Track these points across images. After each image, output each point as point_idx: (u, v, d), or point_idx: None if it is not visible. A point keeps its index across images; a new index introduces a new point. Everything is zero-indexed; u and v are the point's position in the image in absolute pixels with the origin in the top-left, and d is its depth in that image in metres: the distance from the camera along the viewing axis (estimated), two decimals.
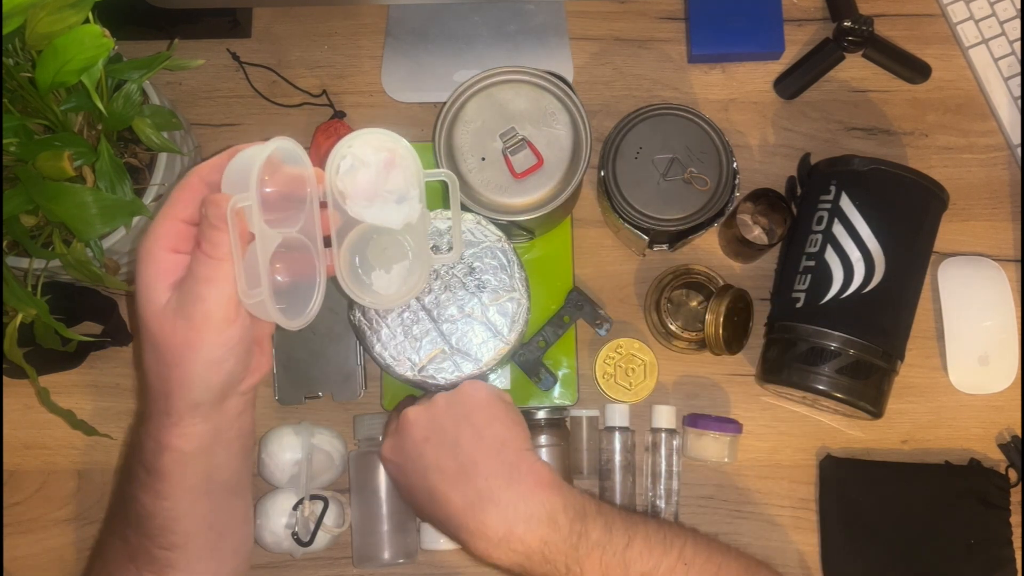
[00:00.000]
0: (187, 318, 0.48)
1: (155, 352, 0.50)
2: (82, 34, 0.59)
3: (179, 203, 0.51)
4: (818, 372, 0.74)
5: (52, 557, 0.80)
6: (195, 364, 0.50)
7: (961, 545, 0.77)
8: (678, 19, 0.90)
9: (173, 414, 0.52)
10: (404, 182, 0.54)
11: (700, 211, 0.75)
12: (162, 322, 0.49)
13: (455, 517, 0.58)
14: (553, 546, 0.56)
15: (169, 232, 0.50)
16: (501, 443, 0.59)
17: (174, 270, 0.49)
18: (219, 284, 0.48)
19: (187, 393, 0.51)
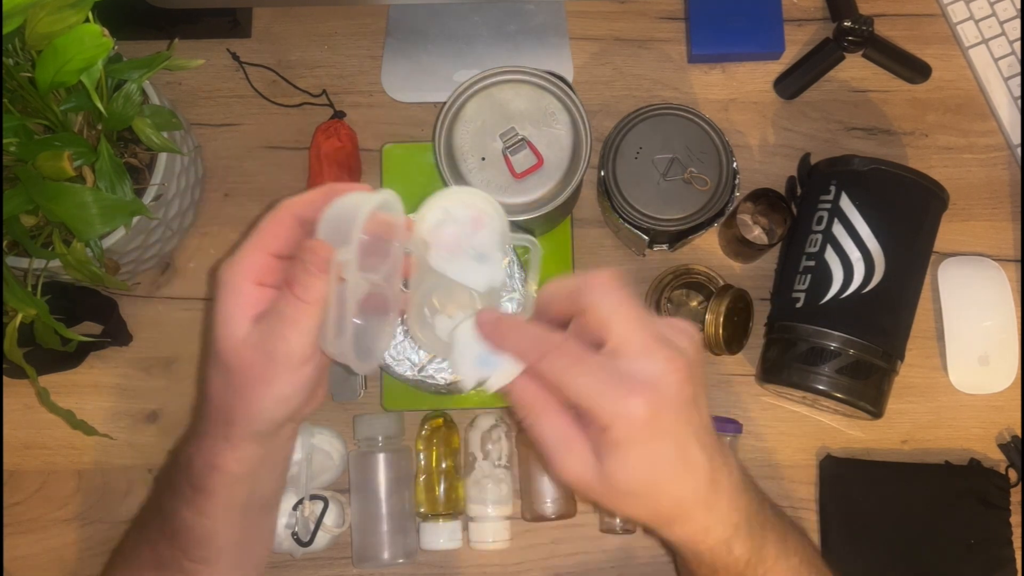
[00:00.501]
0: (267, 355, 0.48)
1: (226, 381, 0.50)
2: (82, 34, 0.59)
3: (268, 235, 0.50)
4: (818, 372, 0.74)
5: (52, 557, 0.80)
6: (265, 399, 0.50)
7: (961, 545, 0.77)
8: (678, 19, 0.90)
9: (232, 439, 0.52)
10: (488, 242, 0.53)
11: (700, 211, 0.75)
12: (240, 355, 0.49)
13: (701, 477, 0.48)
14: (753, 518, 0.51)
15: (255, 264, 0.49)
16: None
17: (257, 303, 0.49)
18: (303, 325, 0.48)
19: (250, 424, 0.52)
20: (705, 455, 0.47)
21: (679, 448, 0.46)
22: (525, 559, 0.80)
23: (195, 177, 0.81)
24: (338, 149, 0.82)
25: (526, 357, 0.46)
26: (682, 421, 0.45)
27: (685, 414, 0.45)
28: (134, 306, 0.84)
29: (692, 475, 0.47)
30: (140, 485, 0.81)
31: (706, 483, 0.47)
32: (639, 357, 0.44)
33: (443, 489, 0.78)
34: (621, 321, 0.45)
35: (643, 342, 0.45)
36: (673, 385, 0.44)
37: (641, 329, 0.45)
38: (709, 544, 0.49)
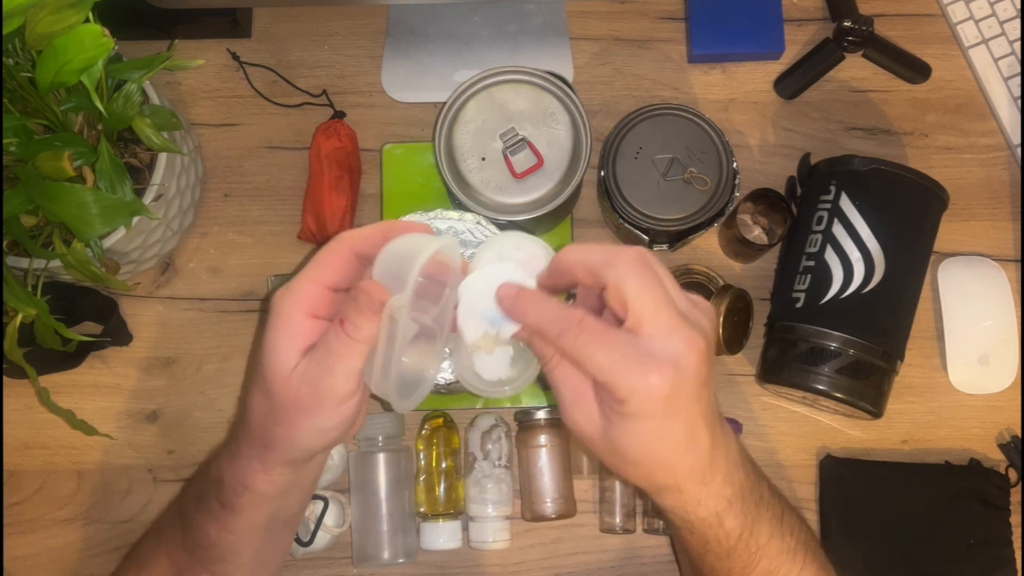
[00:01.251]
0: (312, 387, 0.49)
1: (269, 407, 0.51)
2: (82, 34, 0.59)
3: (326, 268, 0.50)
4: (818, 372, 0.74)
5: (52, 557, 0.80)
6: (306, 430, 0.51)
7: (961, 545, 0.77)
8: (678, 19, 0.90)
9: (267, 463, 0.53)
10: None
11: (700, 211, 0.75)
12: (286, 384, 0.49)
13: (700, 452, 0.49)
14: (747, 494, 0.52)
15: (311, 296, 0.50)
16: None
17: (308, 335, 0.49)
18: (351, 361, 0.48)
19: (287, 452, 0.52)
20: (708, 433, 0.48)
21: (687, 426, 0.47)
22: (525, 559, 0.80)
23: (195, 177, 0.81)
24: (338, 149, 0.83)
25: (547, 332, 0.47)
26: (694, 400, 0.46)
27: (698, 393, 0.46)
28: (134, 306, 0.84)
29: (693, 452, 0.48)
30: (140, 485, 0.81)
31: (705, 459, 0.48)
32: (662, 336, 0.45)
33: (443, 489, 0.79)
34: (645, 301, 0.46)
35: (667, 321, 0.45)
36: (692, 366, 0.45)
37: (665, 308, 0.46)
38: (700, 515, 0.50)
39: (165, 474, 0.81)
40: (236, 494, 0.54)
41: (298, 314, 0.49)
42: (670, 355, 0.45)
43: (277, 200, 0.86)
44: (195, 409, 0.82)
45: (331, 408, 0.49)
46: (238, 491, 0.54)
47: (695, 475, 0.49)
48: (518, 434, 0.80)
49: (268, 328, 0.50)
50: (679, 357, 0.45)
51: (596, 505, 0.80)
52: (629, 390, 0.45)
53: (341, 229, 0.82)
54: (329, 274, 0.50)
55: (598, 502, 0.80)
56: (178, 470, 0.81)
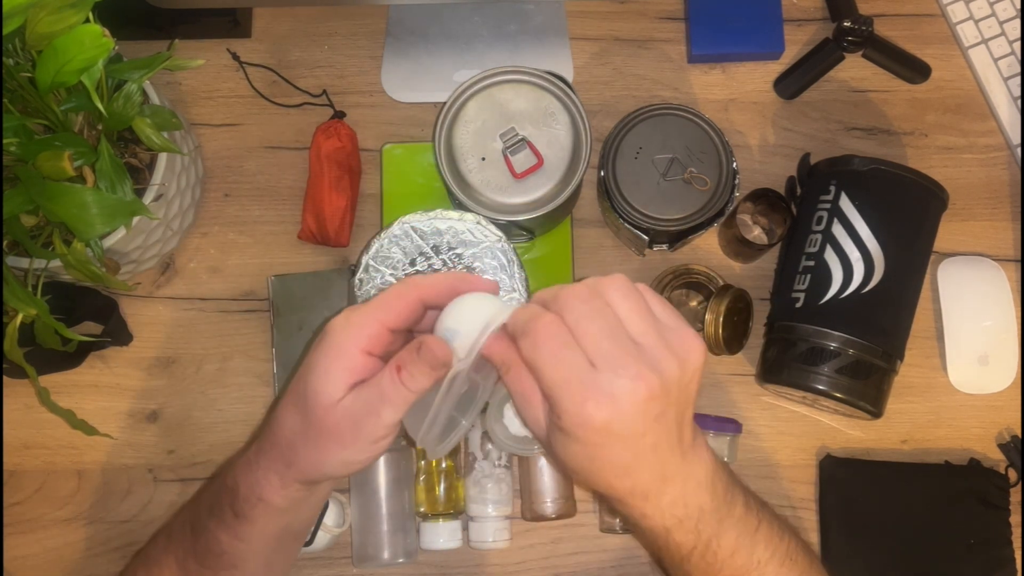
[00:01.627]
0: (353, 424, 0.50)
1: (304, 430, 0.51)
2: (82, 34, 0.59)
3: (391, 312, 0.51)
4: (818, 372, 0.74)
5: (52, 557, 0.80)
6: (336, 459, 0.52)
7: (961, 545, 0.77)
8: (678, 19, 0.90)
9: (286, 479, 0.54)
10: None
11: (700, 211, 0.75)
12: (328, 413, 0.50)
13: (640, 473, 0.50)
14: (707, 515, 0.52)
15: (371, 334, 0.50)
16: None
17: (359, 371, 0.50)
18: (399, 408, 0.50)
19: (309, 473, 0.53)
20: (654, 463, 0.49)
21: (627, 456, 0.48)
22: (525, 559, 0.80)
23: (195, 177, 0.81)
24: (338, 149, 0.83)
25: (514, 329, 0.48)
26: (637, 434, 0.47)
27: (643, 428, 0.47)
28: (134, 306, 0.84)
29: (630, 478, 0.49)
30: (140, 485, 0.81)
31: (647, 483, 0.49)
32: (607, 370, 0.46)
33: (443, 489, 0.79)
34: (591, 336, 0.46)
35: (616, 356, 0.46)
36: (635, 403, 0.46)
37: (612, 345, 0.46)
38: (648, 524, 0.51)
39: (165, 474, 0.81)
40: (250, 505, 0.55)
41: (354, 349, 0.50)
42: (613, 389, 0.45)
43: (277, 200, 0.86)
44: (195, 409, 0.82)
45: (366, 445, 0.51)
46: (252, 502, 0.54)
47: (636, 493, 0.50)
48: None
49: (321, 354, 0.50)
50: (621, 394, 0.45)
51: (596, 505, 0.80)
52: (565, 412, 0.46)
53: (341, 229, 0.82)
54: (393, 317, 0.51)
55: (598, 502, 0.80)
56: (178, 470, 0.81)
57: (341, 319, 0.51)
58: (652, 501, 0.50)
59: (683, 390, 0.48)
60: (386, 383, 0.49)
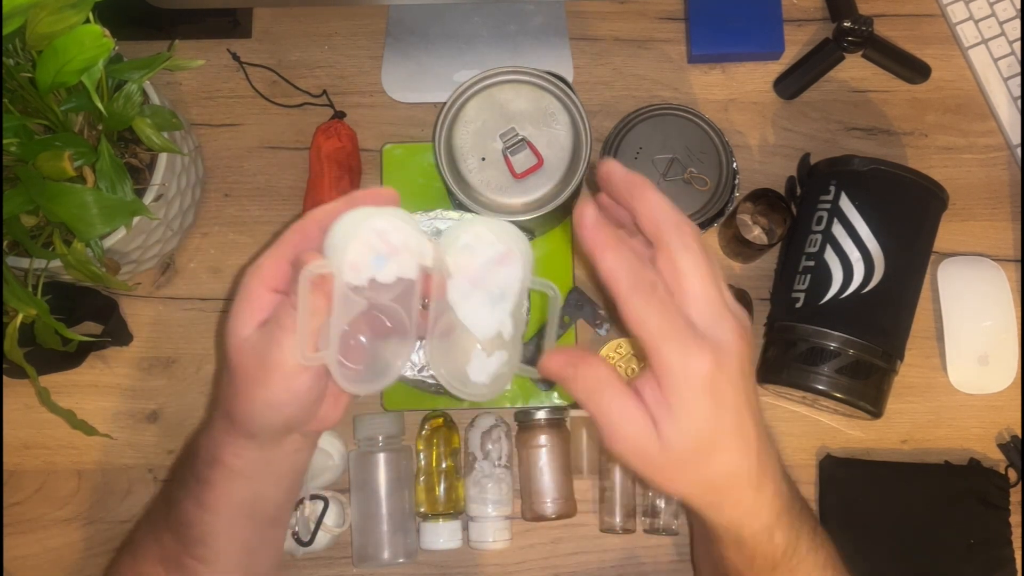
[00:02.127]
0: (261, 358, 0.49)
1: (229, 378, 0.51)
2: (82, 34, 0.59)
3: (288, 244, 0.51)
4: (818, 372, 0.74)
5: (52, 557, 0.80)
6: (258, 402, 0.51)
7: (961, 545, 0.77)
8: (678, 19, 0.90)
9: (232, 435, 0.53)
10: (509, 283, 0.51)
11: (700, 211, 0.75)
12: (241, 355, 0.50)
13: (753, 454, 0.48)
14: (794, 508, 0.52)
15: (272, 271, 0.50)
16: None
17: (265, 308, 0.50)
18: (295, 333, 0.49)
19: (247, 423, 0.53)
20: (756, 431, 0.47)
21: (735, 415, 0.46)
22: (525, 559, 0.80)
23: (195, 177, 0.81)
24: (338, 149, 0.83)
25: (618, 283, 0.45)
26: (740, 390, 0.46)
27: (743, 383, 0.46)
28: (134, 306, 0.84)
29: (745, 447, 0.47)
30: (140, 485, 0.81)
31: (756, 460, 0.47)
32: (711, 318, 0.45)
33: (443, 489, 0.79)
34: (699, 280, 0.45)
35: (718, 307, 0.45)
36: (737, 353, 0.45)
37: (717, 294, 0.46)
38: (754, 529, 0.49)
39: (165, 474, 0.81)
40: (208, 466, 0.54)
41: (259, 288, 0.50)
42: (719, 337, 0.45)
43: (277, 200, 0.86)
44: (195, 409, 0.82)
45: (279, 381, 0.49)
46: (209, 463, 0.54)
47: (750, 477, 0.48)
48: (518, 434, 0.80)
49: (235, 299, 0.51)
50: (727, 341, 0.45)
51: (596, 505, 0.80)
52: (676, 364, 0.44)
53: None
54: (291, 250, 0.50)
55: (598, 502, 0.80)
56: None
57: (249, 267, 0.51)
58: (762, 489, 0.48)
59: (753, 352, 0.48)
60: (280, 311, 0.48)
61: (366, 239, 0.48)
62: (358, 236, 0.47)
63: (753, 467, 0.47)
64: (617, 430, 0.46)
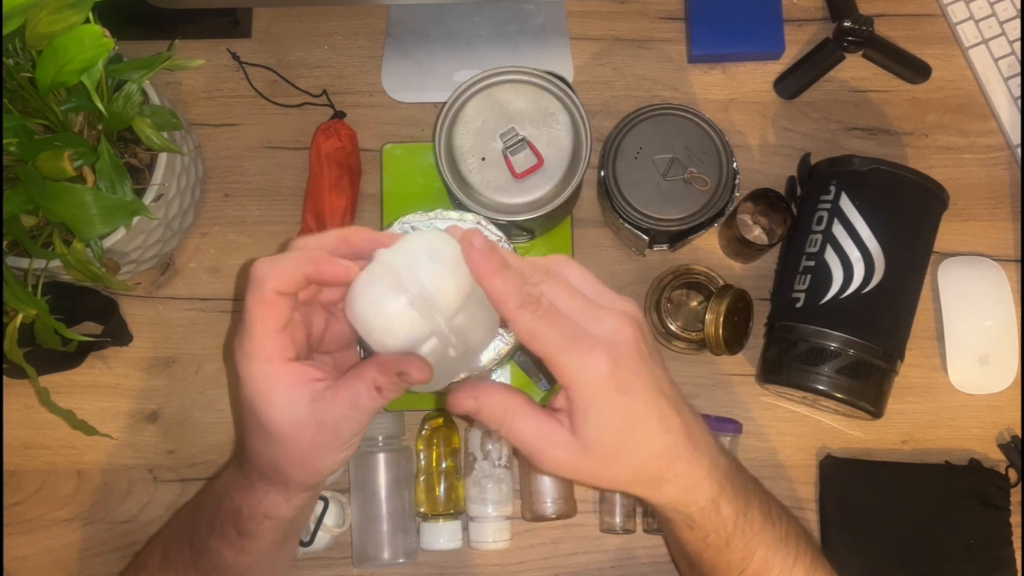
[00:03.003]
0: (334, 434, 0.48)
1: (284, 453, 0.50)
2: (82, 34, 0.59)
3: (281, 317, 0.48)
4: (818, 372, 0.74)
5: (52, 557, 0.80)
6: (328, 464, 0.50)
7: (961, 545, 0.77)
8: (678, 19, 0.90)
9: (288, 494, 0.53)
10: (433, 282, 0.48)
11: (700, 211, 0.75)
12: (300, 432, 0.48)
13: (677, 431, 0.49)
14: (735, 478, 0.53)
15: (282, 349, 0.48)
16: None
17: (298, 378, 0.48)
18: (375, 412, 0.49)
19: (308, 482, 0.52)
20: (674, 410, 0.49)
21: (646, 402, 0.47)
22: (525, 559, 0.80)
23: (195, 177, 0.81)
24: (338, 149, 0.82)
25: (506, 303, 0.46)
26: (643, 375, 0.47)
27: (645, 369, 0.47)
28: (134, 306, 0.84)
29: (666, 427, 0.48)
30: (140, 485, 0.81)
31: (683, 436, 0.49)
32: (592, 320, 0.47)
33: (443, 489, 0.79)
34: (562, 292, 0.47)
35: (592, 309, 0.47)
36: (628, 340, 0.47)
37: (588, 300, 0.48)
38: (700, 504, 0.51)
39: (165, 474, 0.81)
40: (256, 523, 0.54)
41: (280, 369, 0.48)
42: (605, 333, 0.46)
43: (277, 200, 0.86)
44: (195, 409, 0.82)
45: (352, 442, 0.50)
46: (257, 520, 0.54)
47: (679, 454, 0.49)
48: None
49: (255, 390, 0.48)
50: (613, 334, 0.46)
51: (596, 505, 0.80)
52: (570, 371, 0.46)
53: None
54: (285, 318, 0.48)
55: (598, 502, 0.80)
56: (178, 470, 0.81)
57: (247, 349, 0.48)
58: (697, 463, 0.49)
59: (649, 334, 0.49)
60: (365, 400, 0.47)
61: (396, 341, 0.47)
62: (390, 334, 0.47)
63: (679, 443, 0.49)
64: (537, 451, 0.47)
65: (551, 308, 0.46)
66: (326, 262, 0.47)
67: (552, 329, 0.46)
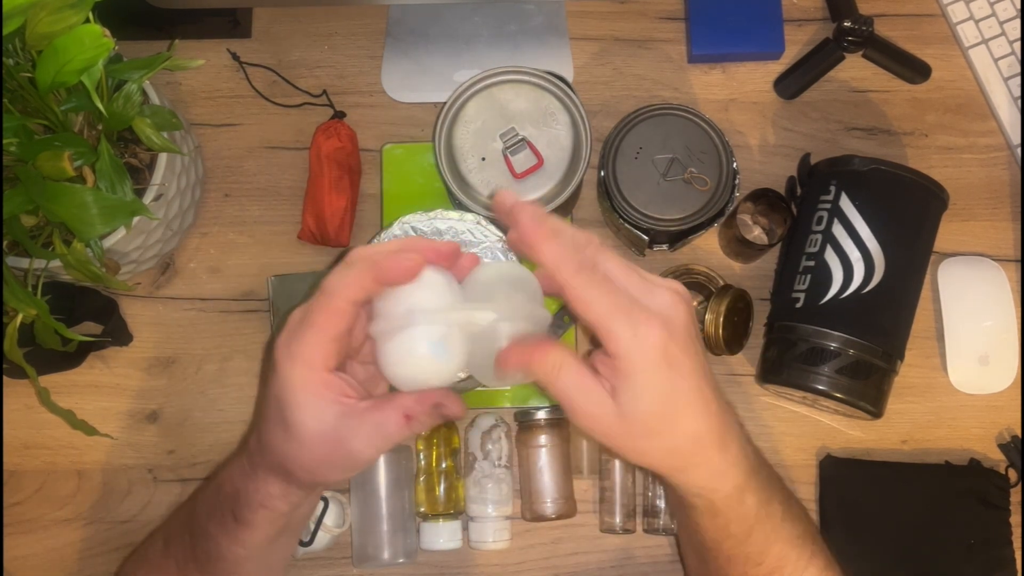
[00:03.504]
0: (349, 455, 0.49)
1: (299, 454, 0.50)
2: (82, 34, 0.59)
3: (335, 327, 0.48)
4: (818, 372, 0.74)
5: (52, 557, 0.80)
6: (336, 476, 0.51)
7: (961, 545, 0.77)
8: (678, 19, 0.90)
9: (289, 489, 0.53)
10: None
11: (700, 211, 0.75)
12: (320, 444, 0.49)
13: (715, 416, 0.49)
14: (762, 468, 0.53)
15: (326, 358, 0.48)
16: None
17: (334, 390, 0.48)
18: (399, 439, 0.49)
19: (312, 484, 0.53)
20: (714, 393, 0.48)
21: (691, 380, 0.47)
22: (525, 559, 0.80)
23: (195, 177, 0.81)
24: (338, 149, 0.83)
25: (560, 268, 0.46)
26: (691, 355, 0.47)
27: (693, 348, 0.47)
28: (134, 306, 0.84)
29: (706, 409, 0.48)
30: (140, 485, 0.81)
31: (719, 422, 0.48)
32: (645, 293, 0.46)
33: (443, 489, 0.79)
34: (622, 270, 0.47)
35: (645, 283, 0.47)
36: (681, 317, 0.46)
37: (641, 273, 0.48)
38: (725, 491, 0.50)
39: (165, 474, 0.81)
40: (251, 510, 0.54)
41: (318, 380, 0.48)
42: (659, 307, 0.46)
43: (277, 200, 0.86)
44: (195, 409, 0.82)
45: (364, 464, 0.50)
46: (253, 507, 0.54)
47: (713, 439, 0.48)
48: (518, 434, 0.80)
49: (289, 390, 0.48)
50: (668, 308, 0.46)
51: (596, 505, 0.80)
52: (620, 340, 0.45)
53: (341, 229, 0.82)
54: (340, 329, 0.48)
55: (598, 502, 0.80)
56: (178, 470, 0.81)
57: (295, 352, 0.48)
58: (727, 449, 0.49)
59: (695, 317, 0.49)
60: (392, 427, 0.48)
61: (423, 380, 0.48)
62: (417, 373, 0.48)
63: (715, 428, 0.48)
64: (578, 405, 0.47)
65: (605, 276, 0.46)
66: (391, 259, 0.47)
67: (607, 296, 0.45)
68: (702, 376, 0.47)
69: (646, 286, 0.47)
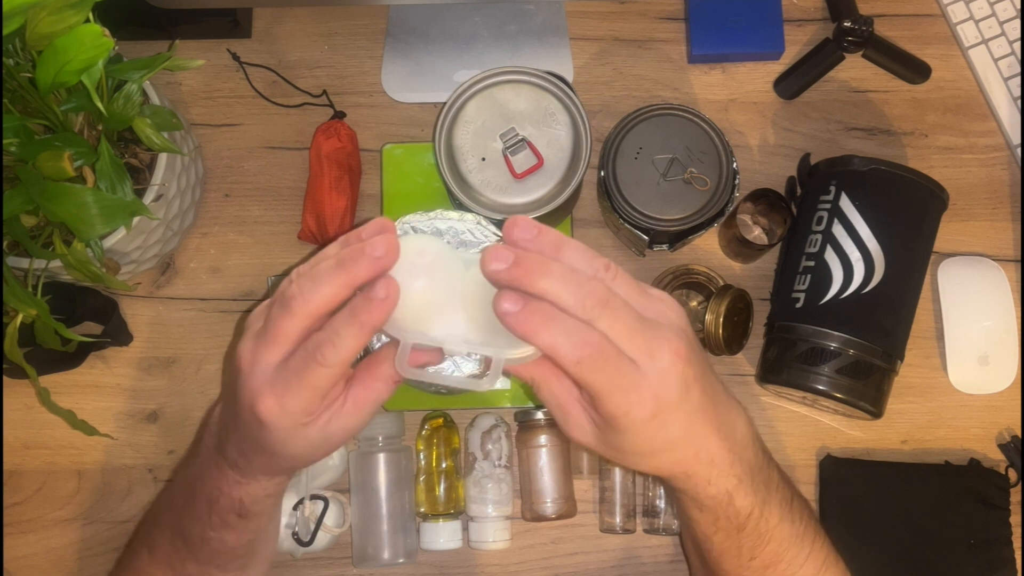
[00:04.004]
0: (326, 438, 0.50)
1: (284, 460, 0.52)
2: (82, 34, 0.59)
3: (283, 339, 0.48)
4: (818, 372, 0.74)
5: (52, 557, 0.80)
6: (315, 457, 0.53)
7: (961, 545, 0.77)
8: (678, 19, 0.90)
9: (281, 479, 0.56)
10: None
11: (700, 211, 0.75)
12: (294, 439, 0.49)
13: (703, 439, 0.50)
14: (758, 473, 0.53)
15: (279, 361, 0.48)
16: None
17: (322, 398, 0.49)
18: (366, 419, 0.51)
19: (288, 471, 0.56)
20: (708, 422, 0.49)
21: (681, 426, 0.48)
22: (525, 559, 0.80)
23: (195, 177, 0.81)
24: (338, 149, 0.82)
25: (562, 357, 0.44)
26: (684, 407, 0.47)
27: (687, 400, 0.47)
28: (134, 306, 0.84)
29: (693, 443, 0.49)
30: (140, 485, 0.81)
31: (709, 444, 0.49)
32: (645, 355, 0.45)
33: (443, 489, 0.79)
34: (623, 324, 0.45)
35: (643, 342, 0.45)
36: (676, 380, 0.46)
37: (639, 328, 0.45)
38: (711, 493, 0.51)
39: (165, 474, 0.81)
40: (259, 504, 0.56)
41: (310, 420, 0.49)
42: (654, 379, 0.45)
43: (277, 200, 0.86)
44: (195, 409, 0.82)
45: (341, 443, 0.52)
46: (261, 501, 0.56)
47: (700, 460, 0.50)
48: (518, 434, 0.80)
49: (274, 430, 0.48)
50: (662, 376, 0.45)
51: (596, 505, 0.80)
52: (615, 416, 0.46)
53: (341, 229, 0.82)
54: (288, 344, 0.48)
55: (598, 502, 0.80)
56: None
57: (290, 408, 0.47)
58: (716, 463, 0.50)
59: (694, 334, 0.49)
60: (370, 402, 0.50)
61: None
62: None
63: (703, 451, 0.49)
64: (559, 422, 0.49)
65: (606, 351, 0.44)
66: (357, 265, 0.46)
67: (604, 379, 0.44)
68: (693, 416, 0.48)
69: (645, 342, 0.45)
